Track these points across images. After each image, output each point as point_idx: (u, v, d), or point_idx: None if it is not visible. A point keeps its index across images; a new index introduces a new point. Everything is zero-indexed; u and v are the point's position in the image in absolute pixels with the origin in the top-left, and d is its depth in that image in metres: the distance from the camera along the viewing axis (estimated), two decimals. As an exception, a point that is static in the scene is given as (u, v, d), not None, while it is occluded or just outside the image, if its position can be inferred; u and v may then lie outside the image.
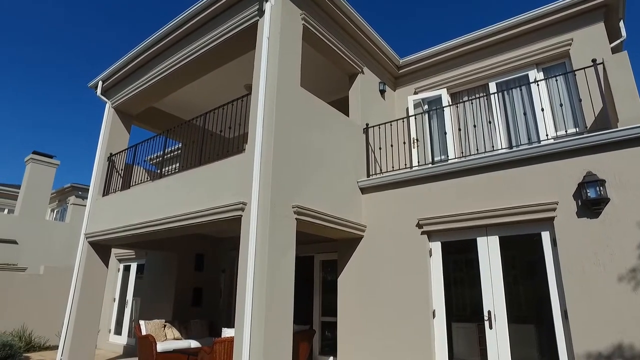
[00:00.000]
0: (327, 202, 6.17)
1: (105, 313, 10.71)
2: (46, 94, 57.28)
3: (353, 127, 7.31)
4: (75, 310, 8.12)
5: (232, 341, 5.71)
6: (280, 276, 5.19)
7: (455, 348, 6.00)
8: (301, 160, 5.86)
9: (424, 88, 8.68)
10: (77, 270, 8.41)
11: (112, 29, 50.19)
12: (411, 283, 6.13)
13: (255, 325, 4.89)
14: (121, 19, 48.48)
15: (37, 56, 49.79)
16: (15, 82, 53.61)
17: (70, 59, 53.85)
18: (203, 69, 7.60)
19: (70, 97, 57.75)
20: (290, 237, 5.41)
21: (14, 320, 10.61)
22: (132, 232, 7.30)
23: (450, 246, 6.19)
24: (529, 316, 5.80)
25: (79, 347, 8.07)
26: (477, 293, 5.77)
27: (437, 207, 6.14)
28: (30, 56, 48.79)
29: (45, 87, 57.05)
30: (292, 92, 5.98)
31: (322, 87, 8.41)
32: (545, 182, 5.38)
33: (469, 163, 5.94)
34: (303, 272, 7.57)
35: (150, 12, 45.37)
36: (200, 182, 6.30)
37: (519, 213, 5.45)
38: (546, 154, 5.40)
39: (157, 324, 8.55)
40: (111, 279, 11.10)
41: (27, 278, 11.48)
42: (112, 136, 9.11)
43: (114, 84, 9.17)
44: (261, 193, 5.20)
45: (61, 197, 21.97)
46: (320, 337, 8.63)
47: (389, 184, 6.73)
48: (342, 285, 6.84)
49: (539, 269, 5.44)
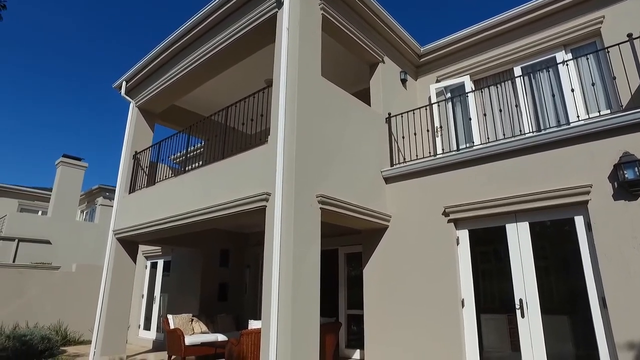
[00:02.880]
0: (351, 192, 6.10)
1: (134, 309, 10.95)
2: (73, 101, 59.20)
3: (375, 116, 7.21)
4: (106, 305, 8.33)
5: (259, 333, 5.72)
6: (307, 266, 5.16)
7: (485, 339, 5.84)
8: (324, 150, 5.82)
9: (446, 76, 8.48)
10: (107, 266, 8.62)
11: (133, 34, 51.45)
12: (438, 272, 6.00)
13: (282, 316, 4.86)
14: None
15: (54, 65, 51.55)
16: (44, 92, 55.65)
17: (90, 67, 55.51)
18: (224, 63, 7.65)
19: (95, 102, 59.53)
20: (315, 227, 5.37)
21: (51, 316, 11.01)
22: (157, 227, 7.42)
23: (478, 234, 6.03)
24: (563, 306, 5.59)
25: (111, 341, 8.28)
26: (506, 283, 5.59)
27: (463, 195, 5.99)
28: (49, 65, 50.51)
29: (72, 94, 58.97)
30: (313, 81, 5.94)
31: (343, 79, 8.33)
32: (577, 164, 5.17)
33: (496, 148, 5.76)
34: (328, 266, 7.52)
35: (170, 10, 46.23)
36: (223, 175, 6.34)
37: (551, 197, 5.25)
38: (578, 135, 5.18)
39: (184, 318, 8.68)
40: (139, 276, 11.34)
41: (60, 276, 11.87)
42: (136, 135, 9.29)
43: (137, 83, 9.35)
44: (285, 183, 5.18)
45: (90, 199, 22.62)
46: (347, 330, 8.58)
47: (413, 173, 6.61)
48: (368, 277, 6.77)
49: (572, 256, 5.23)
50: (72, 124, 63.61)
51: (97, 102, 61.49)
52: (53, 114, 60.03)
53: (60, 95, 58.87)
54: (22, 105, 57.63)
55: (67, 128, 63.59)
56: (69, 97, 59.04)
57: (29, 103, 57.58)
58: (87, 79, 56.55)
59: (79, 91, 59.50)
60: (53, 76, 54.58)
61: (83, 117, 62.50)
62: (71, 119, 62.68)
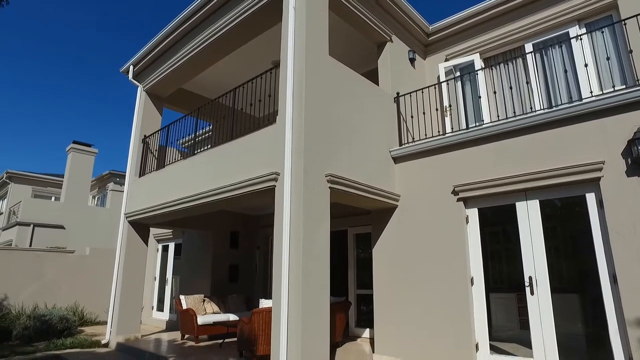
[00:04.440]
0: (360, 172, 6.10)
1: (147, 291, 11.19)
2: (83, 90, 59.50)
3: (383, 96, 7.15)
4: (120, 287, 8.52)
5: (270, 311, 5.81)
6: (316, 245, 5.20)
7: (494, 318, 5.89)
8: (332, 130, 5.80)
9: (455, 54, 8.34)
10: (120, 249, 8.79)
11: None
12: (447, 251, 6.02)
13: (292, 295, 4.92)
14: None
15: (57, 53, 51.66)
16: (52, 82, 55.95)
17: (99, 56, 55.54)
18: (231, 45, 7.61)
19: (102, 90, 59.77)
20: (324, 206, 5.39)
21: (67, 297, 11.30)
22: (168, 209, 7.52)
23: (487, 213, 6.01)
24: (572, 285, 5.60)
25: (126, 322, 8.51)
26: (515, 261, 5.59)
27: (473, 173, 5.95)
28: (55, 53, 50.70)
29: (80, 84, 59.23)
30: (321, 60, 5.89)
31: (351, 59, 8.24)
32: (589, 141, 5.09)
33: (507, 126, 5.69)
34: (337, 246, 7.58)
35: (174, 1, 45.96)
36: (232, 156, 6.37)
37: (562, 175, 5.19)
38: (591, 111, 5.09)
39: (196, 298, 8.84)
40: (151, 259, 11.54)
41: (75, 259, 12.13)
42: (145, 119, 9.34)
43: (144, 67, 9.34)
44: (294, 163, 5.19)
45: (101, 184, 22.91)
46: (356, 310, 8.68)
47: (422, 152, 6.57)
48: (377, 257, 6.81)
49: (582, 233, 5.20)
50: (81, 111, 64.12)
51: (106, 88, 61.78)
52: (64, 100, 60.51)
53: (68, 82, 59.20)
54: (33, 93, 58.12)
55: (77, 115, 64.12)
56: (76, 83, 59.36)
57: (40, 92, 58.06)
58: (95, 66, 56.72)
59: (87, 78, 59.75)
60: (62, 66, 54.81)
61: (92, 104, 62.95)
62: (80, 105, 63.16)
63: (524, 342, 5.45)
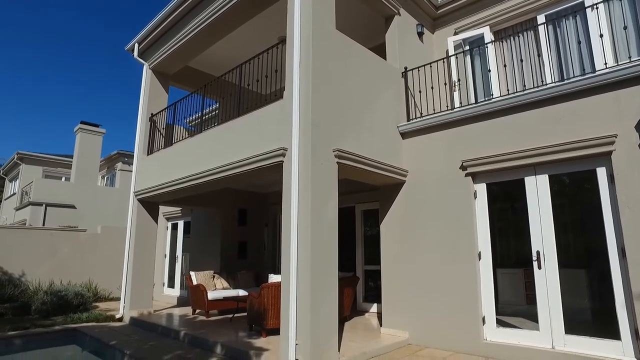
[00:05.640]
0: (368, 147, 6.07)
1: (158, 268, 11.41)
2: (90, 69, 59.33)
3: (391, 71, 7.04)
4: (132, 263, 8.70)
5: (279, 286, 5.91)
6: (325, 220, 5.22)
7: (501, 293, 5.93)
8: (340, 105, 5.75)
9: (464, 28, 8.13)
10: (130, 227, 8.93)
11: None
12: (455, 225, 6.03)
13: (301, 269, 4.96)
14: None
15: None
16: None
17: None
18: (236, 20, 7.49)
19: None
20: (332, 182, 5.40)
21: (81, 275, 11.59)
22: (176, 186, 7.58)
23: (496, 187, 5.99)
24: (579, 260, 5.60)
25: (139, 297, 8.72)
26: (523, 237, 5.58)
27: (481, 148, 5.90)
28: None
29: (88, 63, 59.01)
30: (328, 35, 5.79)
31: (358, 34, 8.09)
32: (602, 114, 4.99)
33: (517, 99, 5.60)
34: (345, 223, 7.61)
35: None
36: (239, 132, 6.36)
37: (572, 149, 5.12)
38: (605, 83, 4.97)
39: (206, 274, 9.01)
40: (161, 237, 11.72)
41: (88, 237, 12.38)
42: (151, 97, 9.33)
43: (149, 44, 9.26)
44: (301, 138, 5.18)
45: (109, 164, 23.11)
46: (364, 285, 8.80)
47: (430, 127, 6.51)
48: (385, 232, 6.85)
49: (591, 208, 5.17)
50: (88, 91, 64.09)
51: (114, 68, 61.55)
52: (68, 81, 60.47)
53: (75, 62, 59.01)
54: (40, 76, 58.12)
55: (84, 96, 64.14)
56: (83, 64, 59.17)
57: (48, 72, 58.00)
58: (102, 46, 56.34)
59: (93, 60, 59.48)
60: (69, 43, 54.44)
61: (98, 84, 62.87)
62: (87, 85, 63.11)
63: (530, 317, 5.50)
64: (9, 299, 9.55)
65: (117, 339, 6.84)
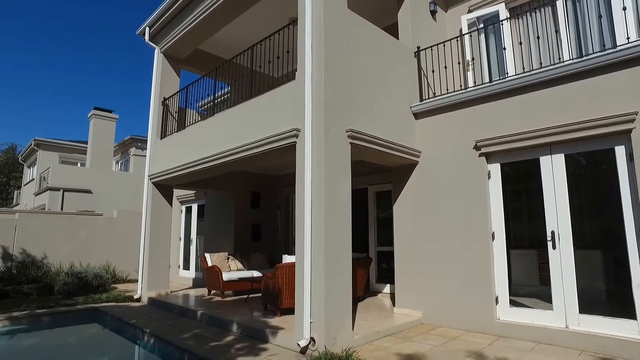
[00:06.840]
0: (381, 128, 6.04)
1: (173, 251, 11.65)
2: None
3: (403, 50, 6.93)
4: (148, 246, 8.90)
5: (293, 266, 6.00)
6: (338, 201, 5.23)
7: (514, 274, 5.92)
8: (352, 85, 5.70)
9: (479, 5, 7.91)
10: (146, 210, 9.09)
11: None
12: (469, 206, 6.01)
13: (315, 249, 5.00)
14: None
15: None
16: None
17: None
18: (247, 1, 7.41)
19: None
20: (345, 162, 5.40)
21: (99, 257, 11.94)
22: (190, 169, 7.67)
23: (510, 168, 5.92)
24: (595, 241, 5.54)
25: (155, 279, 8.94)
26: (537, 217, 5.54)
27: (495, 128, 5.82)
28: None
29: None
30: (340, 14, 5.70)
31: (370, 13, 7.96)
32: (621, 91, 4.86)
33: (533, 77, 5.48)
34: (358, 204, 7.64)
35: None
36: (252, 114, 6.37)
37: (590, 127, 5.02)
38: (625, 59, 4.82)
39: (221, 256, 9.16)
40: (175, 220, 11.93)
41: (105, 221, 12.66)
42: (163, 81, 9.37)
43: (160, 28, 9.26)
44: (314, 118, 5.17)
45: (123, 150, 23.37)
46: (377, 266, 8.87)
47: (443, 107, 6.43)
48: (398, 213, 6.86)
49: (608, 188, 5.09)
50: (101, 77, 64.55)
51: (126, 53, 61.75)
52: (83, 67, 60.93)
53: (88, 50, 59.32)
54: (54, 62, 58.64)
55: (98, 81, 64.66)
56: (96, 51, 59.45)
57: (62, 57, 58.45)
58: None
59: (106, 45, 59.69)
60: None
61: (111, 70, 63.22)
62: (100, 71, 63.55)
63: (543, 297, 5.49)
64: (33, 280, 9.92)
65: (136, 318, 7.05)
